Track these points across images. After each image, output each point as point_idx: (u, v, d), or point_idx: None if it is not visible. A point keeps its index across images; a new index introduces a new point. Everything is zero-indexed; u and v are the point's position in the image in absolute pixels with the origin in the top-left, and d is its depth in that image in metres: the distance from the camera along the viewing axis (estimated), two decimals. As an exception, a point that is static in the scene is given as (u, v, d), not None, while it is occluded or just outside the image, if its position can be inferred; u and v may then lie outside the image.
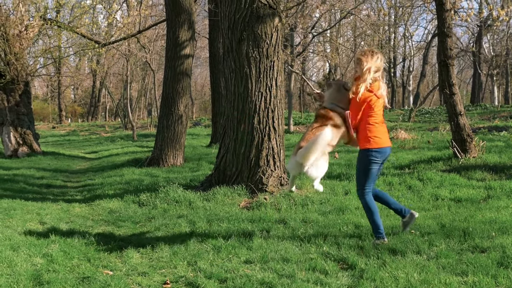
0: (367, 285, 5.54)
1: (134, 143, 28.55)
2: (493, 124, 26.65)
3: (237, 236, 7.56)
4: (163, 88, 16.49)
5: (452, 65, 13.12)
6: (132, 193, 11.03)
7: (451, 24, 13.21)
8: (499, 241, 6.92)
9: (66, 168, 18.08)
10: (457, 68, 72.06)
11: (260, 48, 9.97)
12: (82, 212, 10.00)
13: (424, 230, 7.64)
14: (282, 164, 10.36)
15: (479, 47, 50.66)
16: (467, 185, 10.87)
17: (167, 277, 6.06)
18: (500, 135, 20.03)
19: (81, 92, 75.08)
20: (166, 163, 15.75)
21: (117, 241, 7.71)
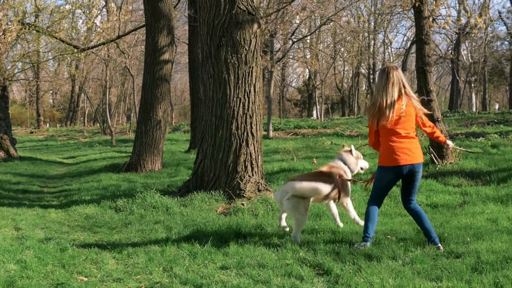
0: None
1: (112, 148, 28.42)
2: (471, 130, 26.86)
3: (213, 241, 7.54)
4: (141, 93, 16.43)
5: (430, 72, 13.22)
6: (109, 199, 10.96)
7: (429, 31, 13.32)
8: (474, 246, 6.97)
9: (43, 174, 17.95)
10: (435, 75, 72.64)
11: (239, 54, 9.98)
12: (58, 217, 9.92)
13: (400, 236, 7.69)
14: (260, 169, 10.36)
15: (458, 54, 51.12)
16: (443, 190, 10.96)
17: (142, 283, 6.02)
18: (477, 141, 20.19)
19: (59, 97, 74.68)
20: (144, 169, 15.69)
21: (92, 247, 7.64)
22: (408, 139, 7.03)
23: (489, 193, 10.62)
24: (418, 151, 7.08)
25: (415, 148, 7.05)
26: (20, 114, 70.91)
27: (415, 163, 7.01)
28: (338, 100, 67.39)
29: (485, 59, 48.92)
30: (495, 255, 6.47)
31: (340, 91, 64.04)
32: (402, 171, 7.03)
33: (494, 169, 12.67)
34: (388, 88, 6.95)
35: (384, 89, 7.00)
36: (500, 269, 6.01)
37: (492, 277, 5.76)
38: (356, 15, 51.06)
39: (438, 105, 13.40)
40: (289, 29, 33.15)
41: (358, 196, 10.68)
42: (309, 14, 32.64)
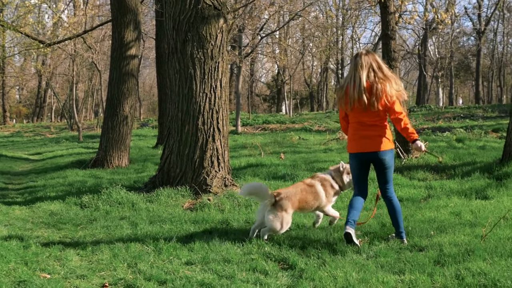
0: (306, 284, 5.57)
1: (79, 144, 28.15)
2: (437, 125, 27.20)
3: (178, 237, 7.52)
4: (108, 89, 16.30)
5: (396, 67, 13.34)
6: (74, 195, 10.86)
7: (394, 26, 13.43)
8: (437, 239, 7.05)
9: (8, 170, 17.71)
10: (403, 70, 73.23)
11: (205, 49, 9.95)
12: (22, 214, 9.80)
13: (365, 230, 7.75)
14: (226, 165, 10.35)
15: (425, 50, 51.64)
16: (408, 185, 11.07)
17: (106, 280, 5.98)
18: (443, 135, 20.44)
19: (26, 93, 73.72)
20: (111, 165, 15.58)
21: (56, 244, 7.56)
22: (374, 127, 6.92)
23: (453, 186, 10.76)
24: (383, 138, 6.94)
25: (379, 136, 6.94)
26: (-15, 110, 69.83)
27: (376, 150, 6.94)
28: (307, 95, 67.60)
29: (451, 54, 49.45)
30: (457, 247, 6.55)
31: (309, 86, 64.25)
32: (363, 158, 7.05)
33: (458, 163, 12.84)
34: (356, 72, 6.86)
35: (351, 73, 6.95)
36: (462, 261, 6.09)
37: (454, 269, 5.84)
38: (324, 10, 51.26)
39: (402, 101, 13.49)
40: (258, 24, 33.12)
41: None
42: (277, 9, 32.66)
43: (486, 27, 56.03)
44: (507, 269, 5.72)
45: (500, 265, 5.85)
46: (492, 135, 20.86)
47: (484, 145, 17.00)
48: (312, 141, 21.60)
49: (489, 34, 60.59)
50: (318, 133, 26.02)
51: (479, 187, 10.56)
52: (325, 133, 24.39)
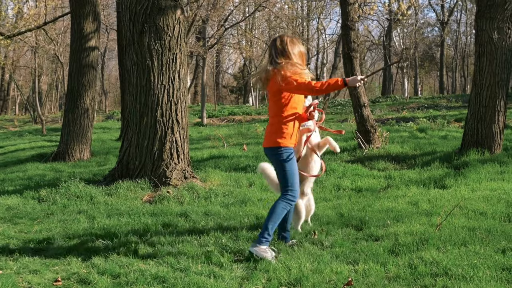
0: (260, 276, 5.57)
1: (43, 137, 27.76)
2: (401, 115, 27.40)
3: (135, 230, 7.47)
4: (68, 81, 16.08)
5: (356, 58, 13.39)
6: (33, 189, 10.70)
7: (354, 17, 13.47)
8: (393, 229, 7.10)
9: (-33, 165, 17.40)
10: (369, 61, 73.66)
11: (162, 40, 9.87)
12: (-22, 209, 9.64)
13: (323, 220, 7.77)
14: (186, 157, 10.30)
15: (389, 40, 51.96)
16: (368, 175, 11.14)
17: (59, 275, 5.91)
18: (406, 126, 20.60)
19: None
20: (73, 158, 15.39)
21: (11, 239, 7.47)
22: (271, 119, 6.36)
23: (412, 176, 10.85)
24: (270, 133, 6.32)
25: (268, 131, 6.36)
26: None
27: (264, 146, 6.45)
28: (274, 87, 67.52)
29: (416, 45, 49.82)
30: (412, 237, 6.61)
31: (275, 77, 64.12)
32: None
33: (419, 153, 12.96)
34: (264, 59, 6.81)
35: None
36: (416, 250, 6.14)
37: (407, 258, 5.89)
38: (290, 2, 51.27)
39: (364, 91, 13.59)
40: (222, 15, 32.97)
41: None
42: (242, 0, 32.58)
43: (450, 17, 56.59)
44: (459, 258, 5.78)
45: (452, 254, 5.92)
46: (455, 125, 21.10)
47: (446, 135, 17.17)
48: (277, 132, 21.56)
49: (453, 24, 61.24)
50: (283, 124, 26.01)
51: (438, 176, 10.66)
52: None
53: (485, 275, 5.28)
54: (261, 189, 10.21)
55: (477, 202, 8.44)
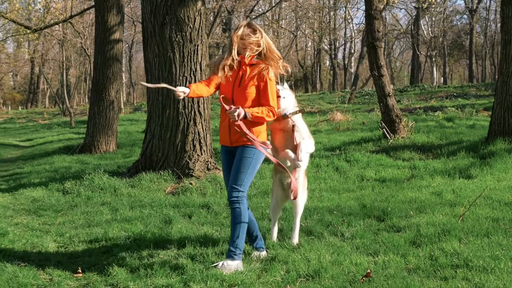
0: (279, 267, 5.54)
1: (71, 129, 28.04)
2: (429, 104, 27.13)
3: (157, 222, 7.48)
4: (93, 74, 16.20)
5: (380, 47, 13.25)
6: (58, 181, 10.81)
7: (378, 6, 13.34)
8: (415, 220, 7.04)
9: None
10: (397, 50, 73.12)
11: (184, 32, 9.86)
12: (4, 201, 9.74)
13: (345, 211, 7.73)
14: (208, 148, 10.30)
15: (418, 29, 51.45)
16: (392, 165, 11.04)
17: (80, 266, 5.95)
18: (434, 115, 20.37)
19: (20, 79, 73.46)
20: (98, 150, 15.52)
21: (34, 231, 7.54)
22: None
23: (437, 166, 10.73)
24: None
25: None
26: (-22, 97, 69.58)
27: None
28: (301, 77, 67.41)
29: (444, 33, 49.31)
30: (434, 228, 6.53)
31: (302, 67, 64.02)
32: None
33: (445, 143, 12.80)
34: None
35: None
36: (437, 241, 6.08)
37: (428, 250, 5.83)
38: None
39: (388, 80, 13.44)
40: (248, 5, 32.89)
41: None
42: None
43: (479, 5, 55.84)
44: (481, 249, 5.71)
45: (474, 245, 5.85)
46: (483, 114, 20.79)
47: (474, 124, 16.95)
48: (303, 122, 21.49)
49: (482, 12, 60.44)
50: (310, 115, 25.92)
51: (463, 166, 10.53)
52: (316, 115, 24.27)
53: (507, 267, 5.21)
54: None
55: (503, 192, 8.33)
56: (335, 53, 65.73)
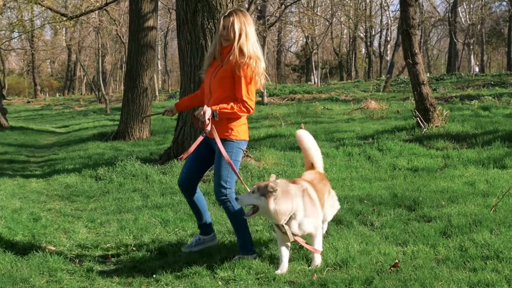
0: (306, 256, 5.52)
1: (106, 116, 28.30)
2: (466, 93, 26.73)
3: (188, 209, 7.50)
4: (127, 61, 16.30)
5: (415, 35, 13.07)
6: (91, 168, 10.93)
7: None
8: (447, 210, 6.95)
9: (33, 143, 17.91)
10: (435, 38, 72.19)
11: (216, 19, 9.81)
12: (38, 187, 9.90)
13: (375, 200, 7.67)
14: (240, 136, 10.27)
15: (455, 16, 50.70)
16: (425, 154, 10.91)
17: (110, 252, 6.02)
18: (470, 104, 20.07)
19: (58, 66, 74.38)
20: (132, 137, 15.64)
21: (66, 216, 7.65)
22: None
23: (471, 156, 10.57)
24: None
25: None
26: (17, 84, 70.63)
27: None
28: (336, 65, 67.03)
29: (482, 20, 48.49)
30: (466, 218, 6.44)
31: (338, 55, 63.62)
32: None
33: (480, 132, 12.60)
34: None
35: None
36: (468, 232, 5.99)
37: (458, 240, 5.75)
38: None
39: (423, 68, 13.26)
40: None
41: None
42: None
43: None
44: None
45: (506, 236, 5.75)
46: (522, 103, 20.43)
47: (511, 113, 16.65)
48: (336, 110, 21.42)
49: (522, -2, 59.21)
50: (344, 103, 25.80)
51: (498, 156, 10.34)
52: (350, 103, 24.12)
53: (538, 259, 5.12)
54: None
55: (537, 182, 8.17)
56: (371, 41, 65.17)
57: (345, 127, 15.40)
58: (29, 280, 5.12)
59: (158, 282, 5.09)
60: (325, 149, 11.45)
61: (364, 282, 4.81)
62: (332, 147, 11.70)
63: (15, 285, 5.02)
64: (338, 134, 13.80)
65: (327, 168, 10.16)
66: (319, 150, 6.02)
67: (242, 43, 5.39)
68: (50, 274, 5.30)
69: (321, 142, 12.42)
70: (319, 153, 6.00)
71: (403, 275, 4.85)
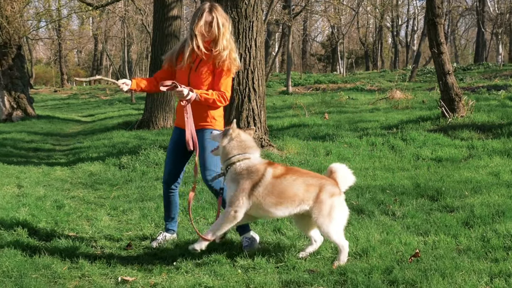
0: (326, 245, 5.50)
1: (131, 106, 28.48)
2: (493, 83, 26.41)
3: (209, 197, 7.53)
4: (151, 50, 16.34)
5: (440, 24, 12.95)
6: (115, 156, 11.01)
7: (439, -19, 12.98)
8: (470, 200, 6.91)
9: (58, 132, 18.08)
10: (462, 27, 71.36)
11: (239, 8, 9.82)
12: (63, 175, 10.00)
13: (398, 190, 7.64)
14: (263, 125, 10.28)
15: (483, 5, 50.05)
16: (450, 144, 10.83)
17: (131, 239, 6.05)
18: (497, 94, 19.84)
19: (84, 56, 74.86)
20: (156, 126, 15.71)
21: (89, 204, 7.71)
22: None
23: (496, 146, 10.47)
24: None
25: None
26: (44, 73, 71.16)
27: None
28: (362, 55, 66.62)
29: (511, 10, 47.79)
30: (489, 208, 6.40)
31: (364, 45, 63.22)
32: None
33: (506, 122, 12.47)
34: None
35: None
36: (491, 223, 5.95)
37: (481, 231, 5.71)
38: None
39: (448, 58, 13.14)
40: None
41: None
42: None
43: (549, -20, 53.85)
44: (536, 231, 5.55)
45: (530, 227, 5.68)
46: (550, 93, 20.14)
47: (539, 103, 16.45)
48: (361, 100, 21.33)
49: (553, -13, 58.29)
50: (369, 93, 25.67)
51: (524, 146, 10.24)
52: (375, 92, 23.98)
53: (562, 250, 5.06)
54: (338, 158, 10.10)
55: None
56: (397, 30, 64.58)
57: (369, 117, 15.34)
58: (51, 266, 5.17)
59: (178, 270, 5.11)
60: (348, 139, 11.43)
61: (384, 272, 4.79)
62: (355, 137, 11.65)
63: (37, 271, 5.08)
64: (362, 124, 13.75)
65: (350, 157, 10.14)
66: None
67: (224, 37, 5.59)
68: (72, 261, 5.35)
69: (344, 131, 12.41)
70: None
71: (423, 265, 4.83)
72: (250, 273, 4.95)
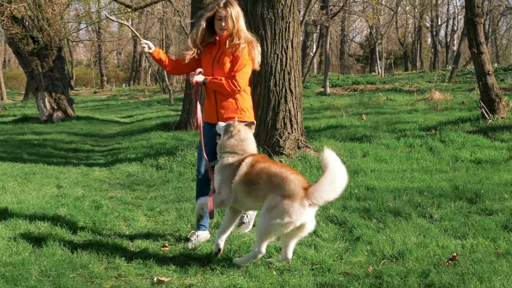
0: (362, 247, 5.49)
1: (170, 107, 28.65)
2: (532, 83, 25.98)
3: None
4: (189, 51, 16.36)
5: (480, 23, 12.76)
6: (152, 157, 11.08)
7: (479, -20, 12.79)
8: (509, 203, 6.81)
9: (98, 133, 18.28)
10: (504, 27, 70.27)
11: (275, 9, 9.81)
12: (101, 175, 10.10)
13: (436, 193, 7.55)
14: (299, 126, 10.24)
15: (525, 5, 49.22)
16: (489, 146, 10.66)
17: (167, 240, 6.09)
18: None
19: (124, 57, 75.66)
20: (193, 127, 15.77)
21: (127, 205, 7.78)
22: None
23: (538, 148, 10.28)
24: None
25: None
26: (85, 75, 72.19)
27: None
28: (401, 55, 66.04)
29: (554, 8, 46.92)
30: (530, 211, 6.28)
31: (402, 45, 62.67)
32: None
33: (548, 123, 12.23)
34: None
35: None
36: (531, 226, 5.84)
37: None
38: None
39: (488, 58, 12.93)
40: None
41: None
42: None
43: None
44: None
45: None
46: None
47: None
48: (400, 101, 21.13)
49: None
50: (408, 94, 25.41)
51: None
52: (414, 93, 23.73)
53: None
54: (375, 160, 10.03)
55: None
56: (437, 31, 63.88)
57: (407, 118, 15.19)
58: (88, 266, 5.24)
59: (214, 271, 5.14)
60: (386, 140, 11.33)
61: (420, 275, 4.74)
62: (393, 138, 11.53)
63: (74, 270, 5.15)
64: (400, 125, 13.62)
65: (387, 159, 10.05)
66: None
67: (240, 29, 6.03)
68: (109, 261, 5.41)
69: (382, 133, 12.30)
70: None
71: (460, 269, 4.77)
72: (285, 275, 4.95)
